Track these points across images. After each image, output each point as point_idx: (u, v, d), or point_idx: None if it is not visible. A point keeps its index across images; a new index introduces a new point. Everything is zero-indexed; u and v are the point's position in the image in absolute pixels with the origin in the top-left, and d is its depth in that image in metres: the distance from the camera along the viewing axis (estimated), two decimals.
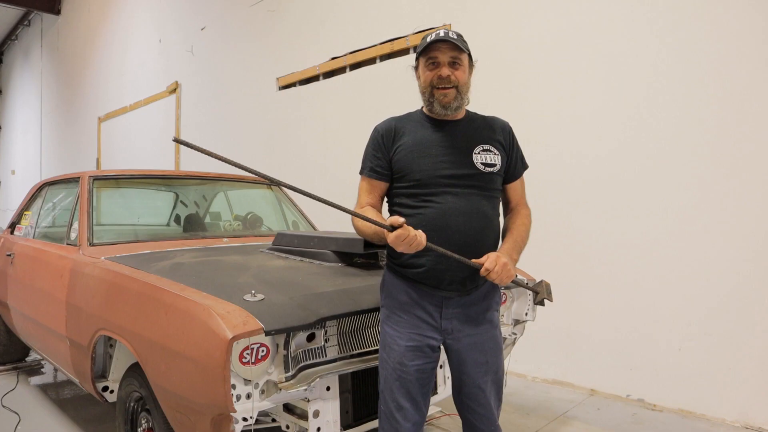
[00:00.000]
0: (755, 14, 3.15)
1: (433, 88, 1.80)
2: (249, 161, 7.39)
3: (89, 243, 2.90)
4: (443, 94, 1.79)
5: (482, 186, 1.82)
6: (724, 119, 3.26)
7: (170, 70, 8.52)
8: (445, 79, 1.77)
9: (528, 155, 2.06)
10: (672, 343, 3.44)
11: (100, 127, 10.78)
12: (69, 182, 3.50)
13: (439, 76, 1.77)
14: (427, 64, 1.80)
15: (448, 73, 1.77)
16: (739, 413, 3.19)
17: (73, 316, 2.66)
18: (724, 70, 3.27)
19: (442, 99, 1.79)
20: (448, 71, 1.77)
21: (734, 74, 3.23)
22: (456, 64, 1.79)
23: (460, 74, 1.79)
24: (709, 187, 3.31)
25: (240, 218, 3.93)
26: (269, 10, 6.54)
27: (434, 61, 1.78)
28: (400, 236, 1.58)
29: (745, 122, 3.19)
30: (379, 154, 1.87)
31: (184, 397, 1.87)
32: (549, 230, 3.91)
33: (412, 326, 1.81)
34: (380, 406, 1.87)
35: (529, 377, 4.08)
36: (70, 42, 12.33)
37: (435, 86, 1.79)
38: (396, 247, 1.61)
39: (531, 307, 2.86)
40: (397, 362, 1.80)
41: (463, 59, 1.80)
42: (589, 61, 3.81)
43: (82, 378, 2.67)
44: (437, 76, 1.78)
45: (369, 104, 5.26)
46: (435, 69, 1.79)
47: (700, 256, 3.34)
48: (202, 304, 1.85)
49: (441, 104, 1.80)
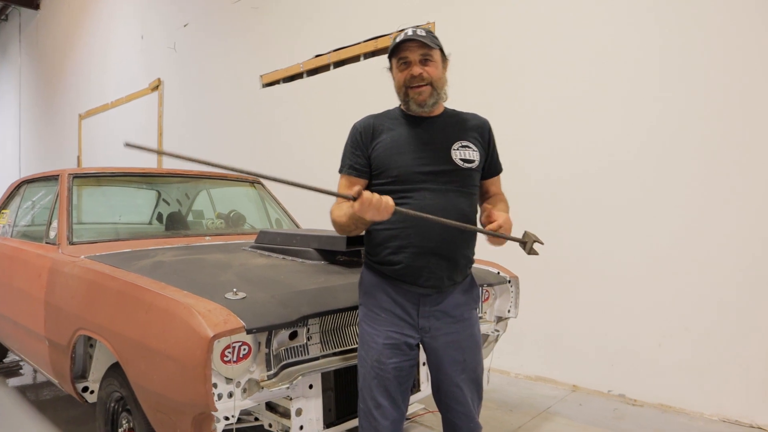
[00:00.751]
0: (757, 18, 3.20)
1: (407, 87, 1.80)
2: (232, 159, 7.36)
3: (69, 241, 2.86)
4: (417, 93, 1.79)
5: (460, 182, 1.82)
6: (695, 112, 3.32)
7: (152, 66, 8.42)
8: (417, 77, 1.77)
9: (513, 153, 2.07)
10: (652, 339, 3.49)
11: (81, 124, 10.62)
12: (48, 180, 3.45)
13: (411, 75, 1.78)
14: (398, 64, 1.81)
15: (419, 71, 1.77)
16: (717, 407, 3.25)
17: (52, 316, 2.62)
18: (724, 72, 3.32)
19: (417, 97, 1.79)
20: (419, 69, 1.77)
21: (733, 79, 3.29)
22: (427, 61, 1.78)
23: (432, 70, 1.79)
24: (687, 186, 3.36)
25: (223, 216, 3.90)
26: (253, 6, 6.49)
27: (405, 61, 1.79)
28: (364, 201, 1.55)
29: (712, 117, 3.25)
30: (358, 152, 1.86)
31: (164, 396, 1.85)
32: (530, 228, 3.93)
33: (389, 324, 1.81)
34: (359, 404, 1.87)
35: (512, 374, 4.11)
36: (50, 37, 12.13)
37: (409, 86, 1.79)
38: (364, 214, 1.57)
39: (513, 304, 2.88)
40: (375, 360, 1.80)
41: (434, 55, 1.80)
42: (578, 57, 3.85)
43: (62, 379, 2.64)
44: (409, 76, 1.78)
45: (353, 102, 5.26)
46: (406, 69, 1.79)
47: (680, 253, 3.39)
48: (182, 303, 1.84)
49: (416, 102, 1.80)
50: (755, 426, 3.12)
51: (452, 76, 1.96)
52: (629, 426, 3.17)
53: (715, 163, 3.27)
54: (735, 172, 3.21)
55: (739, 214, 3.19)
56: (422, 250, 1.76)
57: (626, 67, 3.60)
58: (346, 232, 1.81)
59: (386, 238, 1.80)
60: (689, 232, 3.36)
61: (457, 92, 2.46)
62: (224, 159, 6.80)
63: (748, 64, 3.16)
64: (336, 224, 1.81)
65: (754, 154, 3.15)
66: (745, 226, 3.17)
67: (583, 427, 3.16)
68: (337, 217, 1.79)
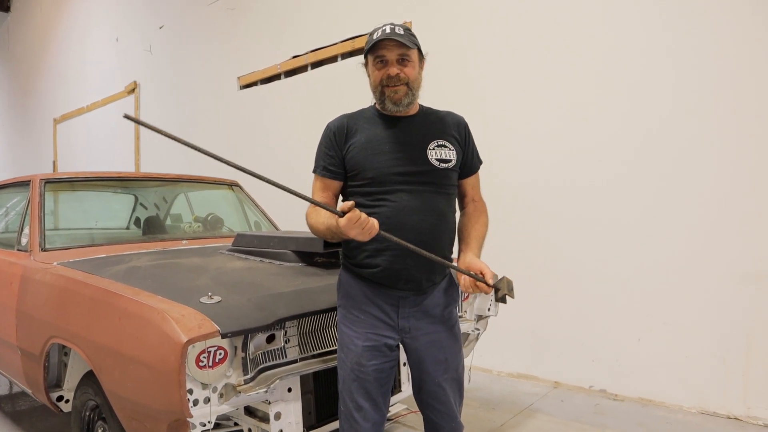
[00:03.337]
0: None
1: (383, 86, 1.77)
2: (211, 160, 7.25)
3: (41, 248, 2.80)
4: (393, 92, 1.76)
5: (437, 182, 1.80)
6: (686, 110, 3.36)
7: (128, 69, 8.31)
8: (393, 77, 1.75)
9: (484, 153, 2.07)
10: (632, 335, 3.52)
11: (56, 128, 10.44)
12: (19, 186, 3.37)
13: (388, 75, 1.75)
14: (375, 62, 1.77)
15: (396, 72, 1.74)
16: (696, 400, 3.29)
17: (24, 325, 2.56)
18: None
19: (393, 96, 1.77)
20: (396, 70, 1.75)
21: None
22: (405, 61, 1.76)
23: (409, 71, 1.76)
24: (662, 182, 3.40)
25: (200, 219, 3.85)
26: (229, 8, 6.44)
27: (382, 59, 1.75)
28: (352, 219, 1.53)
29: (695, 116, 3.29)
30: (332, 153, 1.83)
31: (139, 403, 1.81)
32: (511, 227, 3.96)
33: (368, 326, 1.79)
34: (340, 406, 1.85)
35: (494, 372, 4.12)
36: (21, 40, 11.90)
37: (385, 85, 1.77)
38: (348, 231, 1.55)
39: (493, 303, 2.88)
40: (354, 362, 1.78)
41: (412, 55, 1.77)
42: (556, 58, 3.87)
43: (35, 388, 2.58)
44: (386, 75, 1.75)
45: (331, 102, 5.23)
46: (383, 67, 1.76)
47: (657, 250, 3.43)
48: (156, 308, 1.80)
49: (392, 101, 1.78)
50: (732, 417, 3.16)
51: (427, 76, 1.95)
52: (610, 421, 3.20)
53: (687, 162, 3.31)
54: (711, 172, 3.26)
55: (715, 210, 3.24)
56: (399, 253, 1.74)
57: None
58: (320, 235, 1.80)
59: (368, 243, 1.74)
60: (666, 229, 3.40)
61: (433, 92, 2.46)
62: (202, 161, 6.74)
63: (749, 77, 3.20)
64: (312, 230, 1.80)
65: (716, 147, 3.20)
66: (720, 222, 3.22)
67: (565, 423, 3.17)
68: (315, 224, 1.77)
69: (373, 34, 1.76)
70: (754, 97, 3.10)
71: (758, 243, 3.10)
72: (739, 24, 3.14)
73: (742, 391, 3.14)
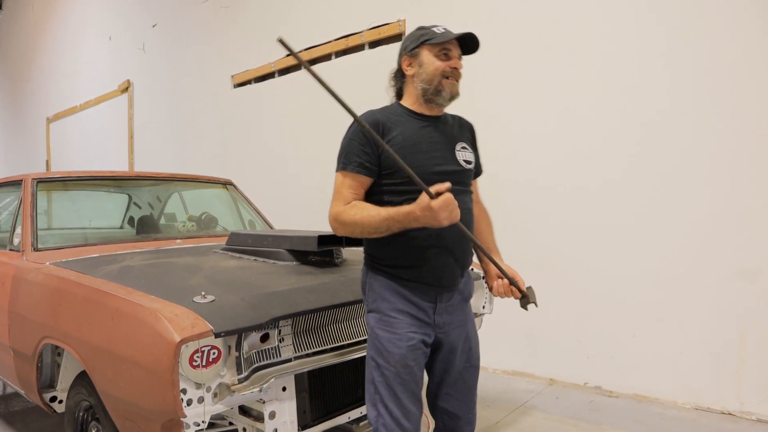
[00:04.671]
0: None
1: (443, 77, 1.77)
2: (205, 160, 7.25)
3: (33, 248, 2.78)
4: (453, 84, 1.78)
5: (464, 182, 1.83)
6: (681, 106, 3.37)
7: (121, 68, 8.26)
8: (458, 71, 1.79)
9: (485, 156, 2.08)
10: (626, 331, 3.53)
11: (49, 128, 10.38)
12: (11, 185, 3.35)
13: (455, 68, 1.77)
14: (438, 53, 1.77)
15: (462, 66, 1.79)
16: (690, 396, 3.30)
17: (17, 325, 2.55)
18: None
19: (452, 88, 1.78)
20: (461, 64, 1.79)
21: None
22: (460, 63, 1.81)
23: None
24: (658, 181, 3.41)
25: (194, 219, 3.84)
26: (222, 6, 6.41)
27: (447, 53, 1.77)
28: (447, 200, 1.51)
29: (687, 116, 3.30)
30: (368, 149, 1.74)
31: (132, 403, 1.81)
32: (507, 225, 3.95)
33: (407, 326, 1.75)
34: (378, 418, 1.75)
35: (489, 369, 4.13)
36: (13, 39, 11.83)
37: (446, 76, 1.77)
38: (440, 212, 1.50)
39: (488, 300, 2.88)
40: (400, 366, 1.73)
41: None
42: (550, 58, 3.87)
43: (28, 389, 2.56)
44: (452, 67, 1.77)
45: (325, 100, 5.20)
46: (447, 60, 1.77)
47: (653, 247, 3.44)
48: (149, 308, 1.80)
49: (450, 94, 1.79)
50: (726, 412, 3.18)
51: None
52: (606, 417, 3.21)
53: (683, 161, 3.32)
54: (708, 171, 3.27)
55: (710, 208, 3.25)
56: (441, 250, 1.74)
57: (609, 75, 3.64)
58: (366, 233, 1.70)
59: (406, 242, 1.72)
60: (661, 227, 3.41)
61: None
62: (197, 160, 6.73)
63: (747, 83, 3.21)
64: (356, 225, 1.68)
65: (709, 143, 3.21)
66: (715, 219, 3.23)
67: (560, 419, 3.18)
68: (364, 218, 1.66)
69: (436, 26, 1.79)
70: (752, 97, 3.11)
71: (750, 240, 3.11)
72: (737, 25, 3.14)
73: (736, 387, 3.16)
